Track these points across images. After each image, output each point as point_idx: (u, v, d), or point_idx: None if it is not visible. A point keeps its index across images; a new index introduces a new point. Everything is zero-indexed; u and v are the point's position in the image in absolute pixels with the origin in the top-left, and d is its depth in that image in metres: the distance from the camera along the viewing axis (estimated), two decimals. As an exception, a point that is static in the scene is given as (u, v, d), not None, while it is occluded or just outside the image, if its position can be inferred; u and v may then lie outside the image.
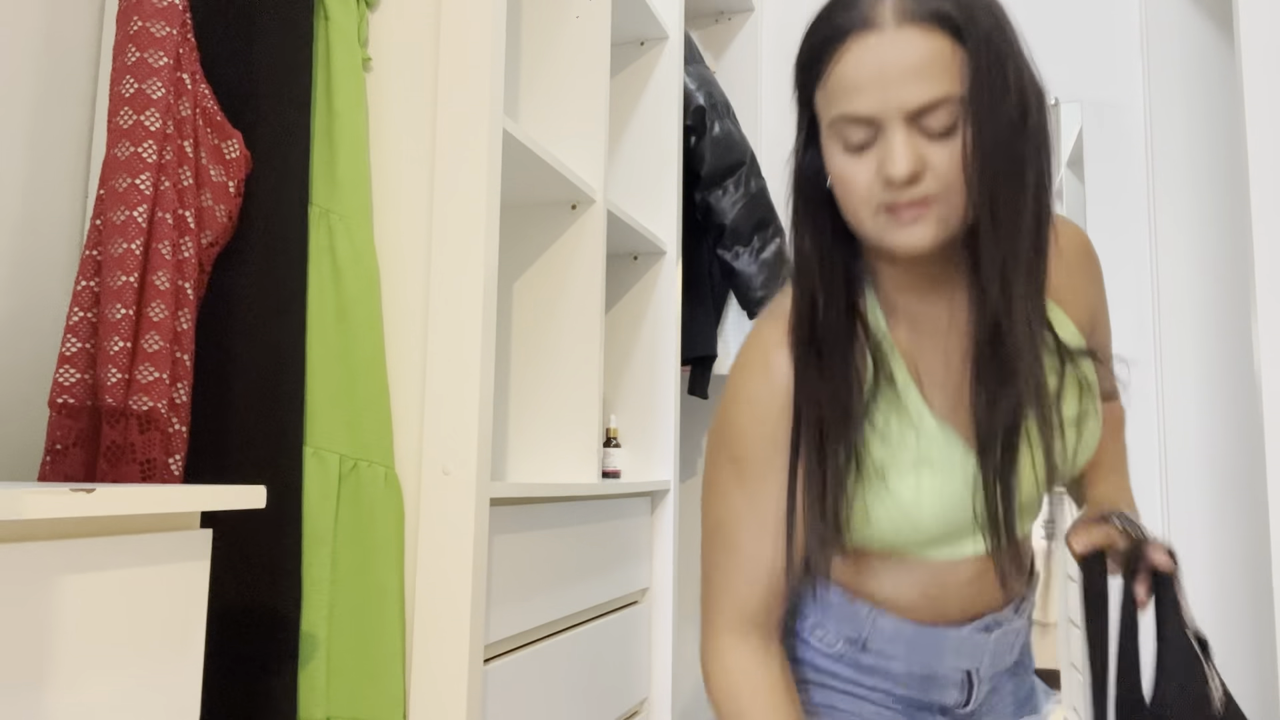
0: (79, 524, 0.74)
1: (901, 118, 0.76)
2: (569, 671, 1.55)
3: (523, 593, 1.40)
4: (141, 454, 1.02)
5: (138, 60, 1.05)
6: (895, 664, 0.95)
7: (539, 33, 1.84)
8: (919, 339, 0.89)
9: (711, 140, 2.18)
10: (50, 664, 0.69)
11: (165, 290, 1.04)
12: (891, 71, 0.75)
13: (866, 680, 0.98)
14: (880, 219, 0.80)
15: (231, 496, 0.84)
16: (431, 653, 1.21)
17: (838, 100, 0.79)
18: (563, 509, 1.55)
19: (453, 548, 1.22)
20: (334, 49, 1.26)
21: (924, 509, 0.86)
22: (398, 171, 1.31)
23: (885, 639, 0.94)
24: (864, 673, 0.97)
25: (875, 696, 0.98)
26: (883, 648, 0.95)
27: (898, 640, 0.94)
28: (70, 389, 1.02)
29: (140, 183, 1.03)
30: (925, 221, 0.79)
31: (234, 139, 1.16)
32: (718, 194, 2.19)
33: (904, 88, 0.75)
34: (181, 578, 0.81)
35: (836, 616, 0.96)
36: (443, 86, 1.30)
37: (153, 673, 0.78)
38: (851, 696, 0.98)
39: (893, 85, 0.75)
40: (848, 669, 0.98)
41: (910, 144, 0.76)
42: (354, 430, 1.20)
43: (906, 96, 0.75)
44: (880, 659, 0.95)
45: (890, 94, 0.76)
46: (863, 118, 0.77)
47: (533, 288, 1.79)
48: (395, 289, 1.29)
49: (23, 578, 0.68)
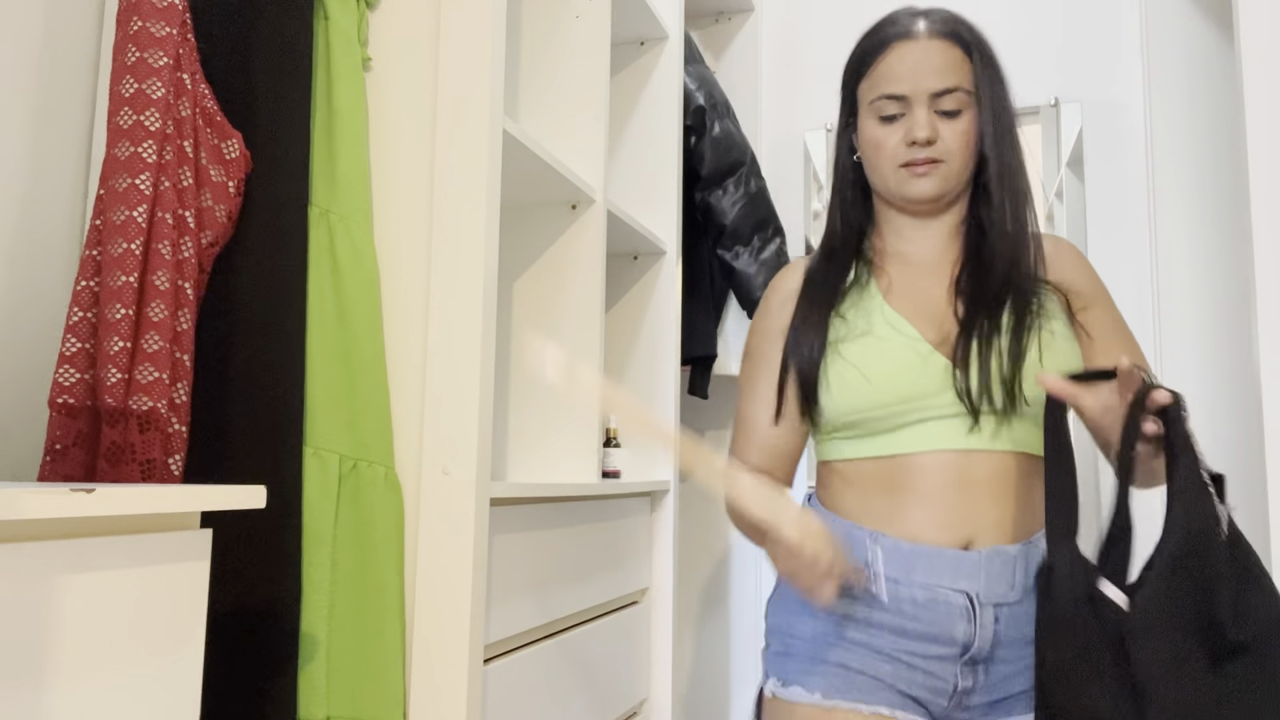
0: (79, 524, 0.74)
1: (926, 98, 1.11)
2: (569, 671, 1.55)
3: (523, 593, 1.40)
4: (141, 454, 1.02)
5: (138, 60, 1.05)
6: (902, 589, 1.07)
7: (539, 33, 1.84)
8: (904, 269, 1.18)
9: (711, 140, 2.18)
10: (50, 664, 0.69)
11: (165, 290, 1.04)
12: (922, 65, 1.11)
13: (878, 630, 1.08)
14: (900, 173, 1.13)
15: (231, 496, 0.84)
16: (431, 653, 1.21)
17: (881, 85, 1.12)
18: (563, 509, 1.55)
19: (453, 548, 1.22)
20: (334, 49, 1.26)
21: (870, 366, 1.09)
22: (398, 171, 1.31)
23: (887, 560, 1.08)
24: (876, 612, 1.08)
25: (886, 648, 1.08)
26: (889, 570, 1.08)
27: (897, 558, 1.08)
28: (70, 389, 1.02)
29: (140, 183, 1.03)
30: (933, 177, 1.12)
31: (234, 139, 1.16)
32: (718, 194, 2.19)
33: (930, 77, 1.11)
34: (181, 578, 0.81)
35: (841, 543, 1.09)
36: (443, 86, 1.30)
37: (153, 673, 0.78)
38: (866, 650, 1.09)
39: (922, 75, 1.11)
40: (861, 611, 1.09)
41: (930, 118, 1.11)
42: (354, 430, 1.20)
43: (931, 82, 1.11)
44: (886, 586, 1.08)
45: (920, 80, 1.11)
46: (898, 95, 1.11)
47: (533, 288, 1.79)
48: (395, 289, 1.29)
49: (23, 578, 0.68)
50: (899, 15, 1.14)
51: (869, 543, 1.10)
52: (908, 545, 1.08)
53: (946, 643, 1.07)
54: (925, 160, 1.11)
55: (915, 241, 1.19)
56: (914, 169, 1.12)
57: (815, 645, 1.11)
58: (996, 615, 1.07)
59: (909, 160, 1.11)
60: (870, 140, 1.14)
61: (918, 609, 1.08)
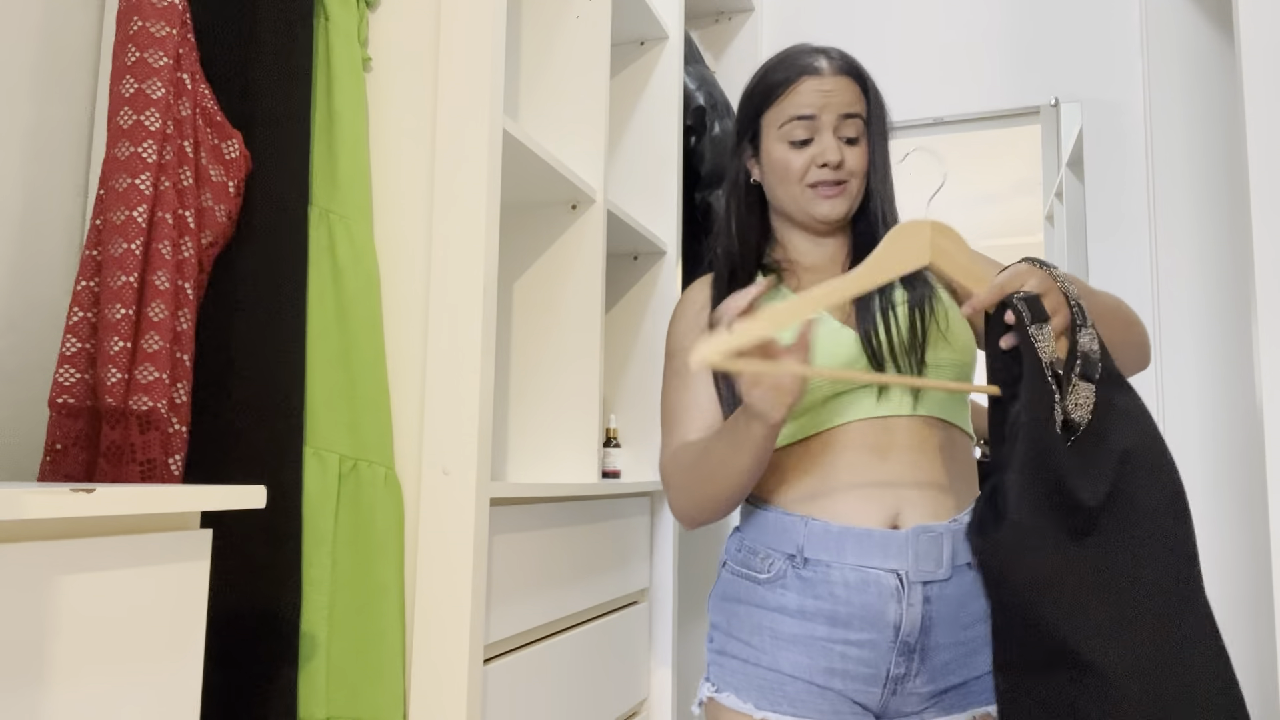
0: (79, 524, 0.74)
1: (832, 123, 1.23)
2: (569, 671, 1.55)
3: (523, 593, 1.40)
4: (141, 454, 1.02)
5: (138, 60, 1.05)
6: (834, 572, 1.12)
7: (539, 33, 1.84)
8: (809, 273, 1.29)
9: (711, 140, 2.18)
10: (50, 664, 0.70)
11: (165, 290, 1.04)
12: (832, 96, 1.23)
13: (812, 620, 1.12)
14: (808, 194, 1.24)
15: (231, 496, 0.84)
16: (431, 653, 1.21)
17: (791, 109, 1.24)
18: (563, 509, 1.55)
19: (453, 548, 1.22)
20: (334, 49, 1.26)
21: None
22: (398, 171, 1.31)
23: (818, 543, 1.13)
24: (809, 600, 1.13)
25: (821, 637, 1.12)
26: (817, 555, 1.13)
27: (827, 541, 1.13)
28: (70, 389, 1.02)
29: (140, 183, 1.03)
30: (841, 198, 1.24)
31: (234, 139, 1.16)
32: (718, 194, 2.19)
33: (837, 106, 1.23)
34: (181, 578, 0.81)
35: (775, 532, 1.17)
36: (443, 86, 1.30)
37: (153, 673, 0.78)
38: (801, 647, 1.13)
39: (830, 104, 1.23)
40: (793, 601, 1.13)
41: (837, 143, 1.23)
42: (354, 430, 1.20)
43: (837, 106, 1.23)
44: (818, 570, 1.13)
45: (828, 109, 1.23)
46: (808, 117, 1.23)
47: (533, 288, 1.78)
48: (395, 289, 1.29)
49: (23, 578, 0.68)
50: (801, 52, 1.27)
51: (800, 528, 1.14)
52: (837, 526, 1.13)
53: (879, 627, 1.11)
54: (834, 182, 1.23)
55: (813, 253, 1.30)
56: (821, 191, 1.23)
57: (751, 645, 1.15)
58: (926, 595, 1.11)
59: (818, 180, 1.23)
60: (779, 161, 1.24)
61: (850, 591, 1.11)
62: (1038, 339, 1.00)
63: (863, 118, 1.24)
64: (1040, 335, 1.00)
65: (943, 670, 1.12)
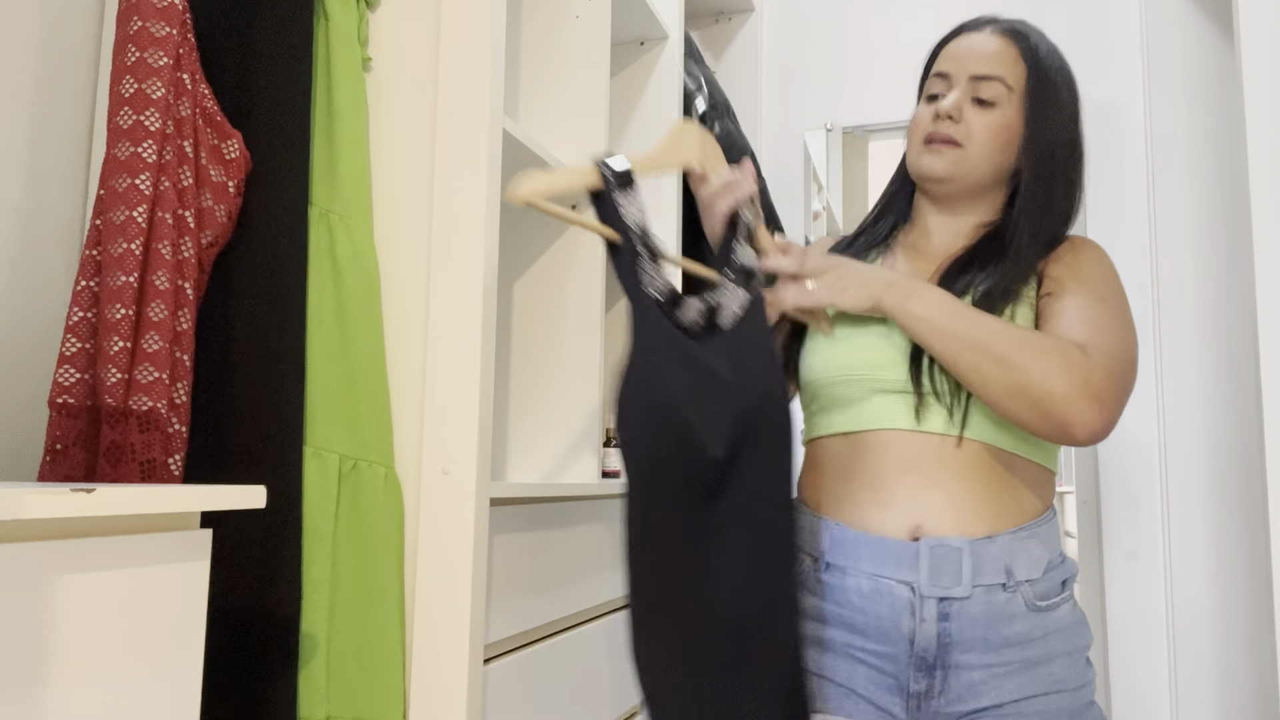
0: (79, 524, 0.74)
1: (965, 80, 1.14)
2: (569, 671, 1.55)
3: (523, 593, 1.40)
4: (141, 454, 1.02)
5: (138, 60, 1.05)
6: (849, 579, 1.09)
7: (539, 33, 1.84)
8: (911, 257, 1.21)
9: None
10: (50, 664, 0.70)
11: (165, 290, 1.04)
12: (973, 50, 1.15)
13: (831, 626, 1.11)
14: (919, 149, 1.16)
15: (231, 496, 0.84)
16: (431, 653, 1.21)
17: (935, 67, 1.19)
18: (563, 509, 1.55)
19: (453, 548, 1.22)
20: (334, 49, 1.26)
21: (841, 329, 1.15)
22: (398, 171, 1.31)
23: (838, 547, 1.11)
24: (828, 605, 1.12)
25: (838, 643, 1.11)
26: (837, 559, 1.11)
27: (845, 546, 1.10)
28: (70, 389, 1.02)
29: (140, 183, 1.03)
30: (945, 155, 1.14)
31: (234, 139, 1.16)
32: (718, 194, 2.19)
33: (974, 61, 1.14)
34: (181, 578, 0.81)
35: (803, 533, 1.16)
36: (443, 86, 1.30)
37: (153, 673, 0.78)
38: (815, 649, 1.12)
39: (969, 58, 1.15)
40: (814, 602, 1.12)
41: (961, 99, 1.14)
42: (354, 430, 1.20)
43: (973, 66, 1.14)
44: (837, 576, 1.11)
45: (964, 62, 1.15)
46: (943, 74, 1.17)
47: (533, 288, 1.78)
48: (395, 289, 1.29)
49: (23, 578, 0.68)
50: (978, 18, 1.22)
51: (824, 531, 1.13)
52: (854, 532, 1.10)
53: (894, 639, 1.06)
54: (943, 138, 1.13)
55: (932, 234, 1.22)
56: (929, 145, 1.15)
57: None
58: (944, 611, 1.05)
59: (929, 134, 1.15)
60: (912, 119, 1.20)
61: (864, 600, 1.08)
62: (621, 204, 1.05)
63: (1006, 83, 1.12)
64: (626, 201, 1.05)
65: (970, 691, 1.06)
